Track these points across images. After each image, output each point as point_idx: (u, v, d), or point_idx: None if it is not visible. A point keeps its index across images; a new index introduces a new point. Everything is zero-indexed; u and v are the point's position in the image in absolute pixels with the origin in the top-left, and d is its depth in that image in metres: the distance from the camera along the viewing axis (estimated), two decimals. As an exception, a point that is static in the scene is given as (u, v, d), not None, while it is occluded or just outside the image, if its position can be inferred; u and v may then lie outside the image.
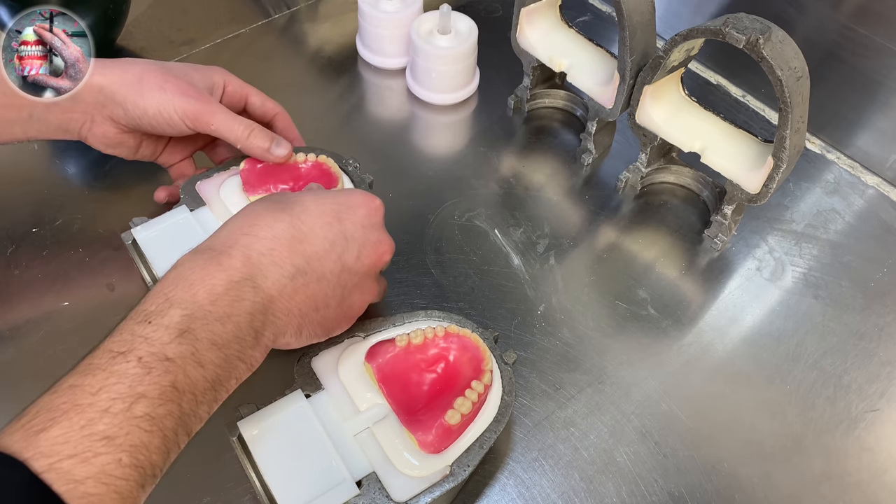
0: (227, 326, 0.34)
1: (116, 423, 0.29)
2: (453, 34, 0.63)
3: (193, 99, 0.47)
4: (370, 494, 0.38)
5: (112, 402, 0.29)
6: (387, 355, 0.42)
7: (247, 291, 0.35)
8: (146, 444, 0.30)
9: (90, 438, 0.28)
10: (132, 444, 0.29)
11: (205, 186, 0.50)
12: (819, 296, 0.53)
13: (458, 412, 0.39)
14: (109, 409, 0.29)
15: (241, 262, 0.36)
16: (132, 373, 0.30)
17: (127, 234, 0.47)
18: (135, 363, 0.31)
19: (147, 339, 0.32)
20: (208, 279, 0.34)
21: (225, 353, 0.34)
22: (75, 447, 0.28)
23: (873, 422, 0.47)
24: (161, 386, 0.31)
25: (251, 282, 0.36)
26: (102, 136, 0.49)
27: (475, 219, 0.57)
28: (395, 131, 0.64)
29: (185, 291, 0.34)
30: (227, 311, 0.34)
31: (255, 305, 0.36)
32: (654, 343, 0.50)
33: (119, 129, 0.49)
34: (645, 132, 0.55)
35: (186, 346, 0.32)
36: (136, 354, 0.31)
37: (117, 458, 0.28)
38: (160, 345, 0.32)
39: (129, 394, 0.30)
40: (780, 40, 0.45)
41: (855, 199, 0.60)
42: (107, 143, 0.49)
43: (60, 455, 0.27)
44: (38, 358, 0.47)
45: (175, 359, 0.32)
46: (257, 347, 0.36)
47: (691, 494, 0.43)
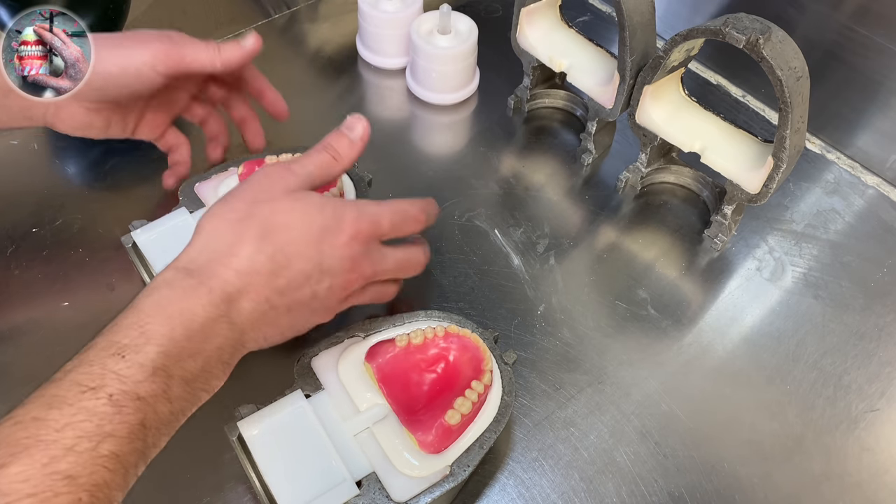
0: (198, 362, 0.34)
1: (81, 463, 0.28)
2: (453, 34, 0.63)
3: (156, 41, 0.45)
4: (370, 494, 0.38)
5: (78, 440, 0.28)
6: (387, 355, 0.42)
7: (222, 328, 0.35)
8: (108, 482, 0.29)
9: (52, 477, 0.27)
10: (94, 483, 0.28)
11: (203, 188, 0.50)
12: (819, 296, 0.53)
13: (458, 412, 0.39)
14: (74, 447, 0.28)
15: (220, 298, 0.35)
16: (101, 411, 0.29)
17: (127, 237, 0.47)
18: (105, 401, 0.30)
19: (119, 375, 0.31)
20: (187, 314, 0.34)
21: (192, 388, 0.34)
22: (35, 486, 0.27)
23: (873, 422, 0.47)
24: (130, 425, 0.30)
25: (227, 319, 0.35)
26: (69, 119, 0.47)
27: (475, 219, 0.57)
28: (395, 131, 0.64)
29: (163, 325, 0.33)
30: (200, 348, 0.34)
31: (227, 341, 0.35)
32: (654, 343, 0.50)
33: (86, 108, 0.47)
34: (645, 132, 0.55)
35: (158, 385, 0.31)
36: (106, 391, 0.30)
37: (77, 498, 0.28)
38: (133, 383, 0.31)
39: (96, 432, 0.29)
40: (780, 40, 0.45)
41: (855, 199, 0.60)
42: (75, 125, 0.48)
43: (19, 494, 0.26)
44: (38, 358, 0.47)
45: (146, 397, 0.31)
46: (222, 377, 0.36)
47: (691, 494, 0.43)
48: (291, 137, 0.62)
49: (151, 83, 0.46)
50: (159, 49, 0.45)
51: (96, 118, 0.48)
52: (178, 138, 0.54)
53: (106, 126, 0.49)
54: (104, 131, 0.50)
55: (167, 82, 0.48)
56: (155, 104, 0.51)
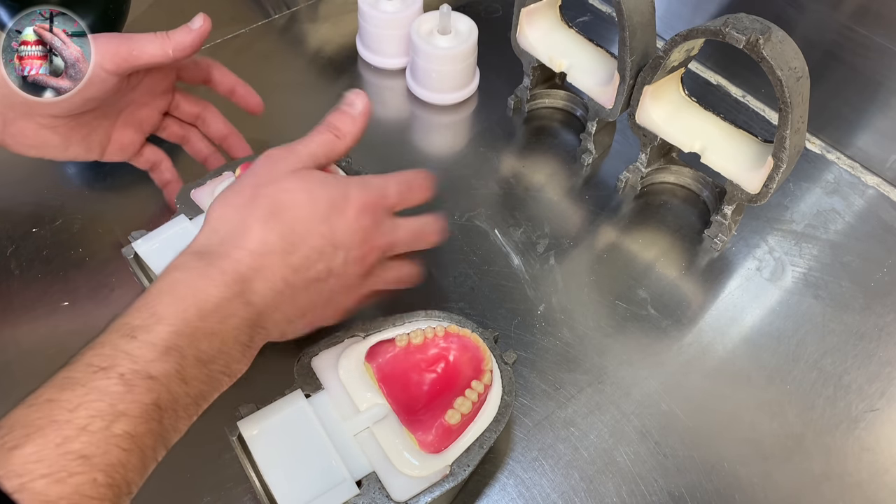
0: (214, 343, 0.33)
1: (94, 442, 0.28)
2: (453, 34, 0.63)
3: (100, 39, 0.43)
4: (370, 494, 0.38)
5: (91, 419, 0.28)
6: (387, 355, 0.42)
7: (237, 308, 0.35)
8: (123, 462, 0.29)
9: (66, 457, 0.27)
10: (109, 463, 0.28)
11: (200, 194, 0.50)
12: (819, 296, 0.53)
13: (458, 412, 0.39)
14: (87, 426, 0.28)
15: (233, 279, 0.35)
16: (113, 390, 0.29)
17: (128, 248, 0.47)
18: (116, 380, 0.29)
19: (130, 355, 0.30)
20: (200, 294, 0.33)
21: (210, 369, 0.33)
22: (49, 466, 0.27)
23: (873, 422, 0.47)
24: (143, 404, 0.30)
25: (242, 298, 0.35)
26: (20, 136, 0.45)
27: (475, 219, 0.57)
28: (395, 131, 0.64)
29: (175, 306, 0.33)
30: (215, 328, 0.33)
31: (243, 321, 0.35)
32: (654, 343, 0.50)
33: (38, 125, 0.45)
34: (645, 132, 0.55)
35: (171, 364, 0.31)
36: (117, 371, 0.30)
37: (92, 478, 0.27)
38: (144, 362, 0.30)
39: (109, 412, 0.29)
40: (780, 40, 0.45)
41: (855, 199, 0.60)
42: (28, 143, 0.45)
43: (33, 474, 0.26)
44: (39, 358, 0.47)
45: (159, 377, 0.31)
46: (243, 360, 0.36)
47: (691, 494, 0.43)
48: (292, 137, 0.61)
49: (104, 85, 0.44)
50: (105, 46, 0.43)
51: (51, 136, 0.46)
52: (156, 155, 0.53)
53: (65, 145, 0.47)
54: (63, 151, 0.47)
55: (125, 85, 0.46)
56: (122, 123, 0.50)
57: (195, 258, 0.35)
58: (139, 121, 0.51)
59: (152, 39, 0.45)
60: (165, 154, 0.54)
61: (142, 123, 0.51)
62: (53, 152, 0.47)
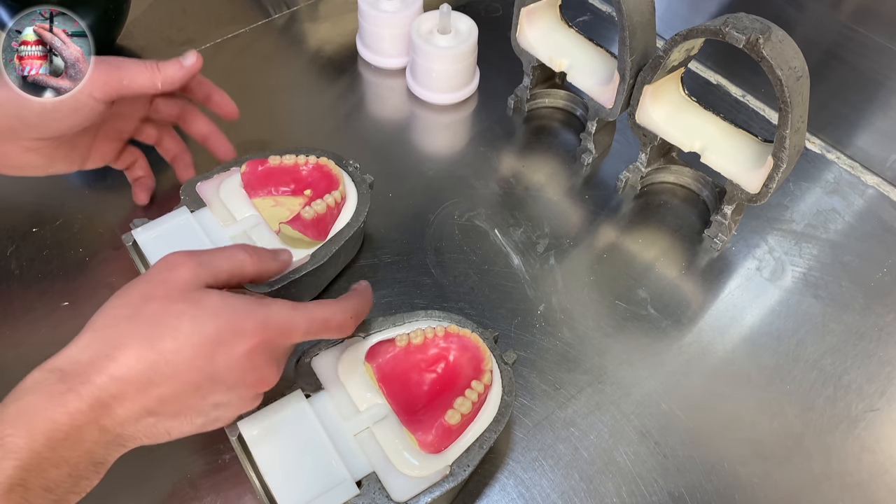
0: (63, 470, 0.32)
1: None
2: (453, 34, 0.63)
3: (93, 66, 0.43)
4: (370, 494, 0.38)
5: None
6: (387, 355, 0.42)
7: (91, 433, 0.32)
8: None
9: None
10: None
11: (205, 187, 0.50)
12: (819, 296, 0.53)
13: (458, 412, 0.39)
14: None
15: (89, 405, 0.32)
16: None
17: (127, 235, 0.47)
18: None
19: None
20: (49, 423, 0.31)
21: (57, 494, 0.32)
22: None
23: (873, 422, 0.47)
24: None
25: (97, 425, 0.32)
26: (4, 158, 0.44)
27: (475, 219, 0.57)
28: (395, 131, 0.64)
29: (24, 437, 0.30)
30: (65, 456, 0.31)
31: (97, 445, 0.33)
32: (654, 343, 0.50)
33: (23, 148, 0.44)
34: (645, 132, 0.55)
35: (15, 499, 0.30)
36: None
37: None
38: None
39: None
40: (780, 40, 0.45)
41: (855, 199, 0.60)
42: (11, 165, 0.45)
43: None
44: (38, 358, 0.47)
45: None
46: (94, 478, 0.34)
47: (691, 494, 0.43)
48: (292, 137, 0.62)
49: (92, 112, 0.44)
50: (95, 75, 0.42)
51: (34, 157, 0.45)
52: (132, 155, 0.53)
53: (48, 164, 0.46)
54: (46, 169, 0.47)
55: (109, 109, 0.46)
56: (102, 136, 0.49)
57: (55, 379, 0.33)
58: (118, 130, 0.51)
59: (142, 70, 0.45)
60: (141, 152, 0.54)
61: (121, 132, 0.51)
62: (36, 171, 0.47)
